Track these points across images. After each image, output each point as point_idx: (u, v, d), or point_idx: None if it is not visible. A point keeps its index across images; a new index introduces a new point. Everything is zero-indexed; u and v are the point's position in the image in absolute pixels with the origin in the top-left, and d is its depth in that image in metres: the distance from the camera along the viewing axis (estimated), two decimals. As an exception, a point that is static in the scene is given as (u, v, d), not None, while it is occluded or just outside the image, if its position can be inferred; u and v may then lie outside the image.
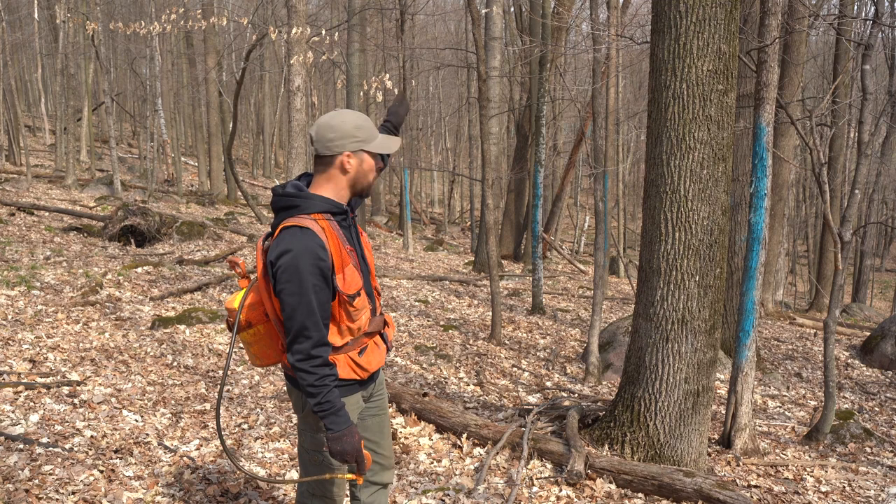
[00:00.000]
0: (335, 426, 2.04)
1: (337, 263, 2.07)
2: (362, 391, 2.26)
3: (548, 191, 17.75)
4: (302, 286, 2.00)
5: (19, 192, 13.71)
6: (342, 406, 2.07)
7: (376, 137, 2.14)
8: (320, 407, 2.04)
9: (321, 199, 2.11)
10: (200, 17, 7.52)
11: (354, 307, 2.12)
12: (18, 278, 6.91)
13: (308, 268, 1.99)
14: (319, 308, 2.03)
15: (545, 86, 9.02)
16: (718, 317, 3.84)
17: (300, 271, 1.99)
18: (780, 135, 9.45)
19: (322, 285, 2.03)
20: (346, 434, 2.05)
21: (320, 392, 2.03)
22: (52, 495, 3.13)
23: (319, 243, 2.02)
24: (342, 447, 2.05)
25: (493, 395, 5.52)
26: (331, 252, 2.05)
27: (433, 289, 10.24)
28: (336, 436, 2.05)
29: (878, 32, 5.78)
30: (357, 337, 2.19)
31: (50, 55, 23.37)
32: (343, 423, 2.05)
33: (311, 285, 2.00)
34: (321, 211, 2.09)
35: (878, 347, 7.62)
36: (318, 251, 2.01)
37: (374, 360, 2.23)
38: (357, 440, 2.07)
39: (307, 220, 2.05)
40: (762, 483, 3.98)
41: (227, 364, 2.20)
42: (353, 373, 2.18)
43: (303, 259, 1.99)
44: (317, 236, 2.02)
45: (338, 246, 2.08)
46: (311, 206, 2.08)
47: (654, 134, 3.76)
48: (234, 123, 13.60)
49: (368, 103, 18.09)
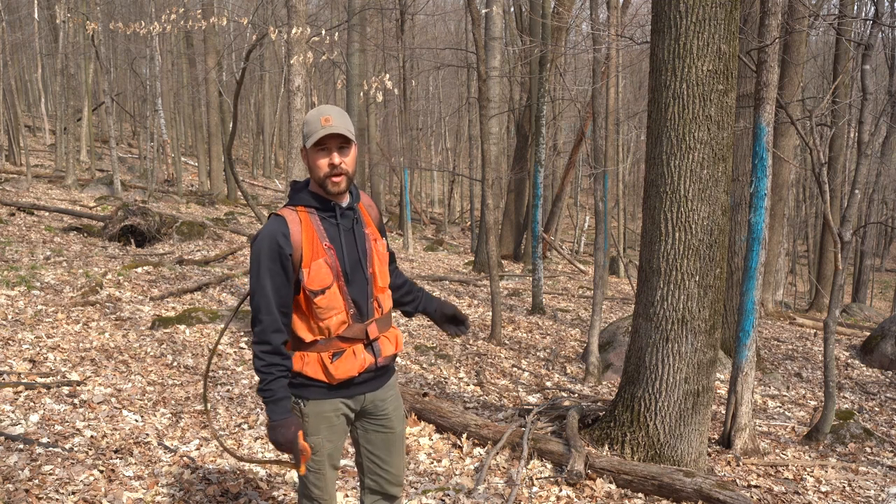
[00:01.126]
0: (273, 415, 2.08)
1: (306, 256, 2.08)
2: (342, 399, 2.21)
3: (548, 191, 17.75)
4: (259, 270, 2.06)
5: (19, 192, 13.72)
6: (284, 397, 2.09)
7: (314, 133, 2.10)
8: (262, 393, 2.08)
9: (308, 194, 2.16)
10: (200, 17, 7.51)
11: (317, 304, 2.11)
12: (18, 278, 6.91)
13: (266, 252, 2.05)
14: (274, 293, 2.06)
15: (545, 86, 9.02)
16: (718, 317, 3.84)
17: (259, 255, 2.06)
18: (780, 135, 9.45)
19: (278, 270, 2.06)
20: (280, 425, 2.07)
21: (265, 378, 2.07)
22: (52, 495, 3.13)
23: (283, 231, 2.07)
24: (276, 437, 2.08)
25: (493, 395, 5.52)
26: (299, 243, 2.08)
27: (433, 289, 10.24)
28: (273, 425, 2.08)
29: (878, 32, 5.78)
30: (329, 338, 2.15)
31: (50, 55, 23.37)
32: (281, 413, 2.08)
33: (266, 269, 2.05)
34: (303, 204, 2.15)
35: (878, 347, 7.62)
36: (278, 237, 2.06)
37: (343, 368, 2.16)
38: (293, 432, 2.08)
39: (287, 211, 2.13)
40: (762, 483, 3.98)
41: (209, 358, 2.24)
42: (321, 374, 2.15)
43: (263, 243, 2.06)
44: (284, 224, 2.08)
45: (311, 239, 2.09)
46: (297, 199, 2.16)
47: (654, 134, 3.76)
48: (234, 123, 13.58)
49: (368, 103, 18.10)
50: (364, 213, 2.27)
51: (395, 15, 16.38)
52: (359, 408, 2.28)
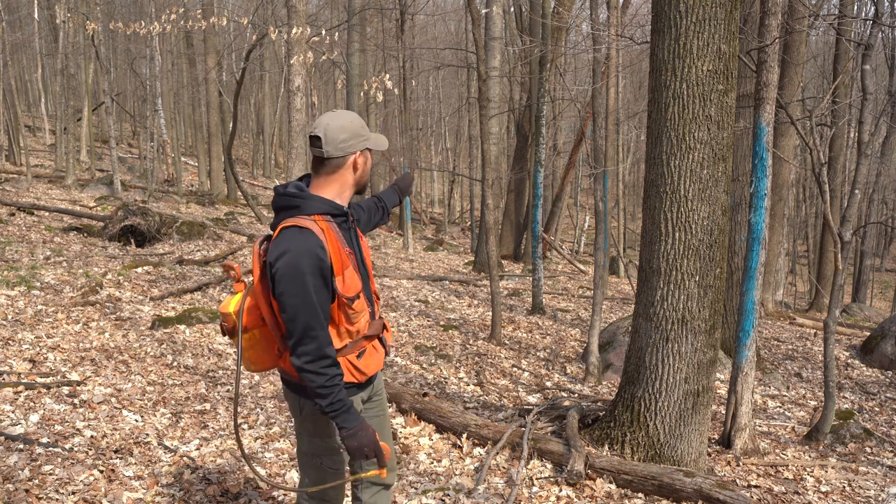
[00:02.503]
0: (349, 424, 2.04)
1: (336, 265, 2.06)
2: (361, 394, 2.27)
3: (548, 191, 17.75)
4: (304, 287, 1.98)
5: (19, 192, 13.72)
6: (352, 404, 2.07)
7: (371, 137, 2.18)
8: (332, 407, 2.03)
9: (321, 201, 2.10)
10: (200, 17, 7.51)
11: (353, 310, 2.12)
12: (18, 278, 6.91)
13: (309, 268, 1.98)
14: (322, 309, 2.02)
15: (545, 86, 9.02)
16: (718, 317, 3.83)
17: (301, 272, 1.97)
18: (780, 135, 9.45)
19: (321, 286, 2.02)
20: (360, 429, 2.06)
21: (331, 392, 2.02)
22: (52, 495, 3.13)
23: (319, 244, 2.01)
24: (359, 442, 2.05)
25: (493, 395, 5.52)
26: (330, 254, 2.04)
27: (433, 289, 10.24)
28: (351, 433, 2.05)
29: (878, 32, 5.78)
30: (356, 340, 2.18)
31: (50, 55, 23.37)
32: (355, 419, 2.06)
33: (312, 286, 1.99)
34: (321, 212, 2.09)
35: (878, 347, 7.62)
36: (318, 251, 2.00)
37: (371, 364, 2.23)
38: (372, 433, 2.08)
39: (307, 221, 2.04)
40: (762, 483, 3.97)
41: (237, 378, 2.20)
42: (352, 376, 2.18)
43: (303, 259, 1.98)
44: (316, 237, 2.01)
45: (337, 248, 2.07)
46: (312, 206, 2.08)
47: (654, 134, 3.76)
48: (234, 123, 13.60)
49: (368, 103, 18.09)
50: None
51: (395, 15, 16.38)
52: (367, 397, 2.33)
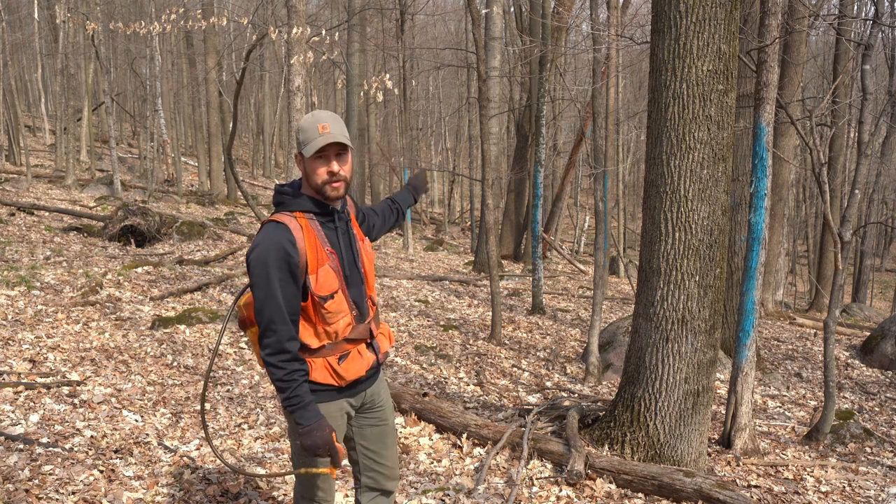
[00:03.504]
0: (304, 420, 2.05)
1: (311, 263, 2.07)
2: (347, 398, 2.24)
3: (548, 191, 17.75)
4: (269, 280, 2.01)
5: (19, 192, 13.71)
6: (311, 401, 2.07)
7: (310, 141, 2.08)
8: (289, 402, 2.05)
9: (306, 199, 2.12)
10: (200, 17, 7.51)
11: (326, 309, 2.11)
12: (18, 278, 6.91)
13: (274, 262, 2.00)
14: (286, 303, 2.03)
15: (545, 86, 9.02)
16: (718, 317, 3.83)
17: (267, 265, 2.00)
18: (780, 135, 9.45)
19: (288, 280, 2.03)
20: (315, 428, 2.05)
21: (289, 387, 2.04)
22: (52, 495, 3.13)
23: (289, 239, 2.03)
24: (313, 441, 2.05)
25: (493, 395, 5.52)
26: (304, 250, 2.05)
27: (433, 289, 10.24)
28: (307, 430, 2.05)
29: (878, 32, 5.78)
30: (336, 342, 2.17)
31: (50, 55, 23.37)
32: (312, 416, 2.06)
33: (276, 279, 2.01)
34: (304, 210, 2.11)
35: (878, 347, 7.62)
36: (285, 246, 2.02)
37: (352, 369, 2.20)
38: (328, 433, 2.07)
39: (286, 217, 2.08)
40: (762, 483, 3.98)
41: (215, 349, 2.22)
42: (331, 378, 2.17)
43: (270, 253, 2.01)
44: (289, 232, 2.04)
45: (314, 245, 2.08)
46: (295, 204, 2.11)
47: (654, 134, 3.76)
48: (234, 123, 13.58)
49: (368, 103, 18.11)
50: (350, 214, 2.30)
51: (395, 15, 16.38)
52: (359, 404, 2.30)
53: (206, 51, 19.03)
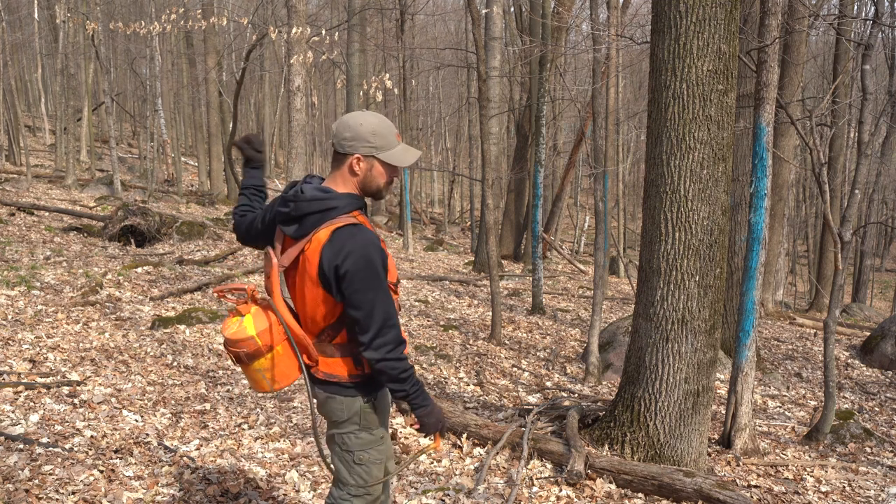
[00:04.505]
0: (427, 402, 2.14)
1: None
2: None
3: (548, 191, 17.75)
4: (378, 279, 2.04)
5: (19, 192, 13.71)
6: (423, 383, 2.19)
7: (393, 147, 2.10)
8: (414, 387, 2.10)
9: (351, 197, 2.11)
10: (200, 17, 7.51)
11: (396, 294, 2.20)
12: (18, 278, 6.91)
13: (378, 261, 2.05)
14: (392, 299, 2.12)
15: (545, 86, 9.02)
16: (718, 317, 3.83)
17: (374, 266, 2.03)
18: (780, 135, 9.44)
19: (386, 277, 2.09)
20: (434, 406, 2.17)
21: (410, 374, 2.10)
22: (52, 495, 3.13)
23: (377, 237, 2.09)
24: (437, 418, 2.17)
25: (493, 395, 5.52)
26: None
27: (433, 289, 10.24)
28: (429, 410, 2.15)
29: (878, 32, 5.78)
30: None
31: (50, 55, 23.37)
32: (429, 397, 2.16)
33: (383, 278, 2.06)
34: (357, 208, 2.12)
35: (878, 347, 7.62)
36: (379, 244, 2.07)
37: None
38: (440, 409, 2.20)
39: (351, 219, 2.07)
40: (762, 483, 3.97)
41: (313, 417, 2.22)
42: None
43: (373, 254, 2.03)
44: (372, 232, 2.09)
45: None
46: (348, 204, 2.09)
47: (654, 134, 3.76)
48: (234, 123, 13.60)
49: (368, 103, 18.10)
50: None
51: (395, 15, 16.39)
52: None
53: (206, 51, 19.02)
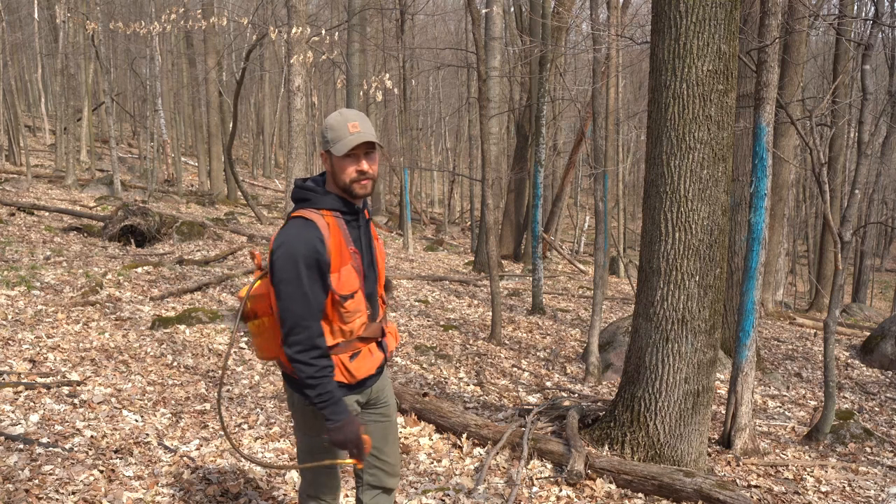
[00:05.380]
0: (336, 416, 2.06)
1: (335, 262, 2.07)
2: (355, 396, 2.26)
3: (548, 191, 17.74)
4: (298, 276, 2.01)
5: (19, 192, 13.71)
6: (341, 396, 2.08)
7: (340, 139, 2.09)
8: (320, 398, 2.05)
9: (333, 198, 2.13)
10: (200, 17, 7.51)
11: (346, 308, 2.12)
12: (18, 278, 6.91)
13: (304, 259, 2.01)
14: (314, 300, 2.05)
15: (545, 86, 9.02)
16: (718, 317, 3.83)
17: (297, 261, 2.01)
18: (780, 135, 9.45)
19: (316, 277, 2.04)
20: (347, 423, 2.08)
21: (319, 383, 2.05)
22: (52, 495, 3.13)
23: (319, 237, 2.03)
24: (344, 436, 2.07)
25: (493, 395, 5.52)
26: (330, 249, 2.06)
27: (433, 289, 10.24)
28: (338, 426, 2.07)
29: (878, 32, 5.79)
30: (349, 340, 2.18)
31: (50, 55, 23.37)
32: (343, 412, 2.07)
33: (306, 276, 2.02)
34: (331, 208, 2.11)
35: (878, 347, 7.62)
36: (315, 244, 2.02)
37: (363, 367, 2.21)
38: (357, 427, 2.09)
39: (314, 214, 2.08)
40: (762, 483, 3.98)
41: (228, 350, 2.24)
42: (342, 375, 2.18)
43: (300, 249, 2.01)
44: (318, 230, 2.04)
45: (339, 244, 2.09)
46: (322, 202, 2.11)
47: (654, 134, 3.76)
48: (234, 123, 13.61)
49: (368, 103, 18.10)
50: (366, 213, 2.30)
51: (395, 15, 16.38)
52: (365, 400, 2.32)
53: (206, 51, 19.02)
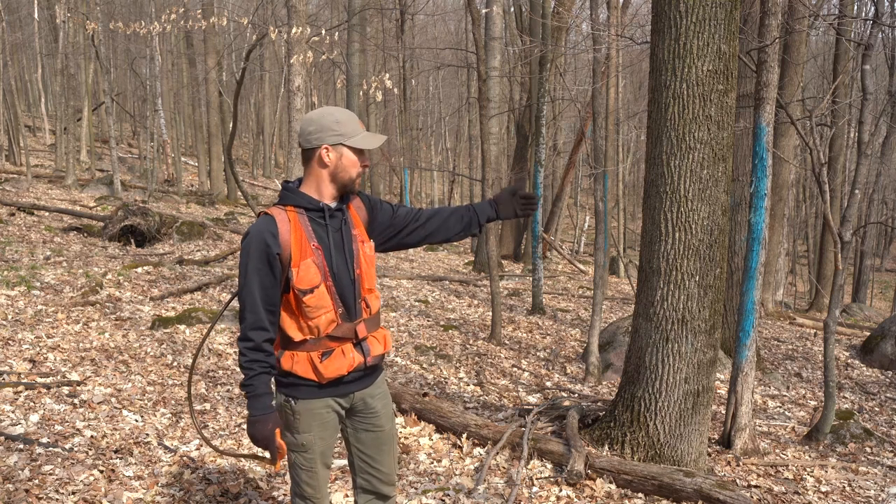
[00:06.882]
0: (253, 410, 2.11)
1: (294, 255, 2.11)
2: (333, 397, 2.23)
3: (548, 191, 17.74)
4: (247, 268, 2.10)
5: (19, 192, 13.71)
6: (265, 393, 2.12)
7: (357, 133, 2.17)
8: (244, 389, 2.12)
9: (297, 194, 2.18)
10: (200, 17, 7.50)
11: (306, 303, 2.13)
12: (18, 278, 6.91)
13: (254, 250, 2.08)
14: (260, 291, 2.10)
15: (545, 86, 9.02)
16: (718, 317, 3.83)
17: (248, 253, 2.10)
18: (780, 135, 9.44)
19: (265, 269, 2.09)
20: (259, 420, 2.11)
21: (246, 374, 2.11)
22: (52, 495, 3.13)
23: (272, 230, 2.09)
24: (253, 432, 2.12)
25: (493, 395, 5.52)
26: (288, 242, 2.10)
27: (433, 289, 10.24)
28: (252, 420, 2.12)
29: (878, 32, 5.79)
30: (318, 338, 2.17)
31: (50, 55, 23.37)
32: (260, 408, 2.11)
33: (254, 268, 2.09)
34: (294, 204, 2.16)
35: (878, 347, 7.62)
36: (266, 236, 2.08)
37: (332, 368, 2.18)
38: (270, 429, 2.11)
39: (277, 210, 2.15)
40: (762, 483, 3.97)
41: (201, 344, 2.34)
42: (311, 373, 2.18)
43: (252, 243, 2.09)
44: (273, 224, 2.10)
45: (300, 238, 2.12)
46: (287, 198, 2.18)
47: (654, 134, 3.76)
48: (234, 123, 13.58)
49: (368, 103, 18.10)
50: (353, 215, 2.28)
51: (395, 15, 16.39)
52: (349, 405, 2.30)
53: (206, 51, 19.02)
